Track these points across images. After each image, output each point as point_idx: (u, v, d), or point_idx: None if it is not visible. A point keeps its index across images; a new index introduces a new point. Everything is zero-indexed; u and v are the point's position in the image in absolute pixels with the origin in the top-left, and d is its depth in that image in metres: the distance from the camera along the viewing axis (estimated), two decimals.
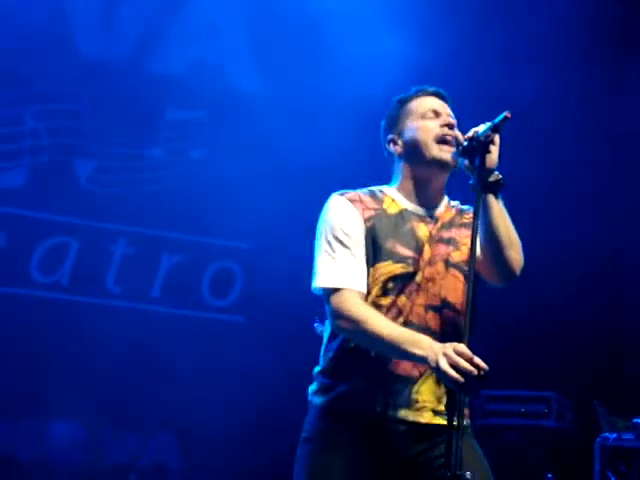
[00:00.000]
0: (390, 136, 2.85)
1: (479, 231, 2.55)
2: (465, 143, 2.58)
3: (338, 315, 2.63)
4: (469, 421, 2.74)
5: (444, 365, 2.39)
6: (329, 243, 2.70)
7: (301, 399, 2.86)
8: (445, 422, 2.55)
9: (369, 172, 3.08)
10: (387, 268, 2.69)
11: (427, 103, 2.82)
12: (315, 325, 3.18)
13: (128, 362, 5.48)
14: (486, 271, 2.66)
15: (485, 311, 2.83)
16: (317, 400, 2.75)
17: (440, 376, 2.44)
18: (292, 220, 5.55)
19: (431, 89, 2.87)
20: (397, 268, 2.69)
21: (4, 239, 5.57)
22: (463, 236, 2.76)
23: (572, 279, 5.87)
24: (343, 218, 2.72)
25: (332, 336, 2.76)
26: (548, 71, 5.97)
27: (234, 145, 5.90)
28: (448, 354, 2.40)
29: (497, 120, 2.51)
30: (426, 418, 2.68)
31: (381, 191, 2.82)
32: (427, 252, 2.72)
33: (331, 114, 5.74)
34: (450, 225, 2.79)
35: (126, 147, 5.86)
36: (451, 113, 2.82)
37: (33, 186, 5.66)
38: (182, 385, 5.56)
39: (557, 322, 5.76)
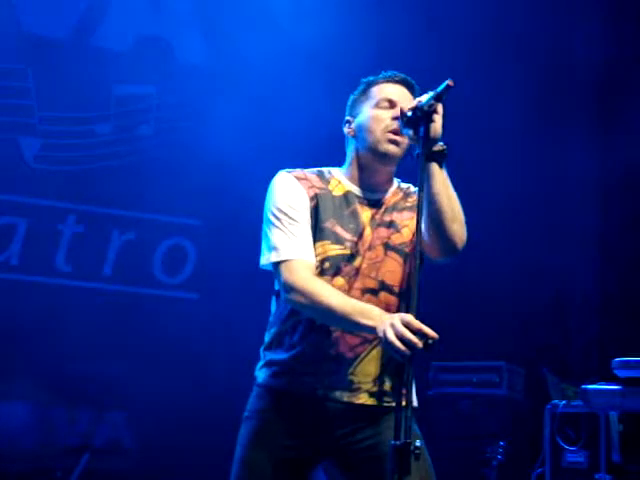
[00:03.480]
0: (347, 117, 2.88)
1: (424, 203, 2.54)
2: (409, 113, 2.58)
3: (289, 288, 2.65)
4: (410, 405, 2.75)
5: (390, 336, 2.40)
6: (277, 218, 2.72)
7: (251, 376, 2.88)
8: (383, 404, 2.69)
9: (317, 148, 3.06)
10: (324, 247, 2.72)
11: (386, 91, 2.82)
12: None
13: (79, 341, 5.43)
14: (428, 246, 2.67)
15: (435, 283, 2.84)
16: (259, 377, 2.80)
17: (386, 347, 2.45)
18: (244, 195, 5.53)
19: (400, 76, 2.86)
20: (334, 249, 2.72)
21: None
22: (404, 219, 2.80)
23: (518, 245, 5.91)
24: (290, 194, 2.75)
25: (275, 314, 2.80)
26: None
27: (183, 120, 5.85)
28: (395, 325, 2.41)
29: (440, 89, 2.52)
30: (361, 399, 2.72)
31: (329, 172, 2.85)
32: (367, 236, 2.75)
33: (279, 87, 5.72)
34: (393, 209, 2.81)
35: (74, 124, 5.78)
36: (409, 105, 2.78)
37: None
38: (135, 363, 5.53)
39: (507, 291, 5.81)
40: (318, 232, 2.72)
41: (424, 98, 2.57)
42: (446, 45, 5.84)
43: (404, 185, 2.90)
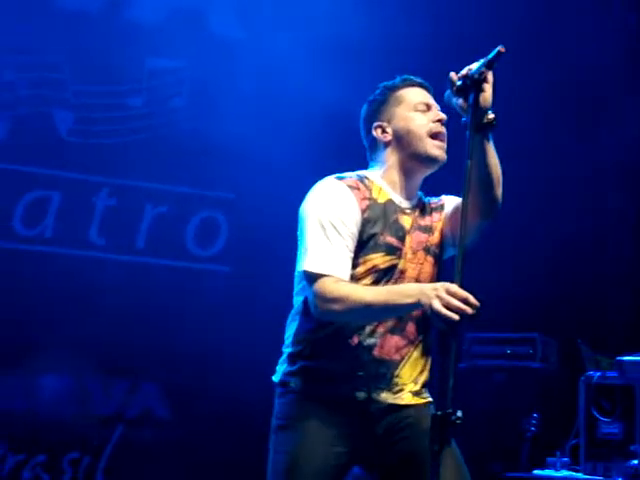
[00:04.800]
0: (377, 123, 2.83)
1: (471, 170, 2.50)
2: (459, 82, 2.55)
3: (322, 299, 2.61)
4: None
5: (437, 306, 2.40)
6: (324, 228, 2.67)
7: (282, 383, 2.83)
8: (422, 401, 2.75)
9: (350, 124, 3.04)
10: (381, 259, 2.71)
11: (418, 95, 2.83)
12: None
13: (113, 313, 5.47)
14: (471, 213, 2.63)
15: (469, 254, 2.84)
16: (294, 383, 2.74)
17: (433, 318, 2.44)
18: (277, 168, 5.54)
19: (417, 80, 2.87)
20: (390, 259, 2.72)
21: None
22: (435, 221, 2.84)
23: (555, 218, 5.89)
24: (342, 206, 2.70)
25: (310, 319, 2.73)
26: None
27: (216, 93, 5.84)
28: (440, 295, 2.41)
29: (490, 56, 2.48)
30: (405, 400, 2.74)
31: (367, 177, 2.81)
32: (410, 242, 2.76)
33: (314, 61, 5.69)
34: (424, 213, 2.83)
35: (106, 97, 5.79)
36: (439, 108, 2.83)
37: (13, 139, 5.60)
38: (168, 334, 5.57)
39: (541, 261, 5.78)
40: (373, 243, 2.70)
41: (474, 66, 2.53)
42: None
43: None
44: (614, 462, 4.38)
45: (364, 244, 2.70)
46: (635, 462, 4.26)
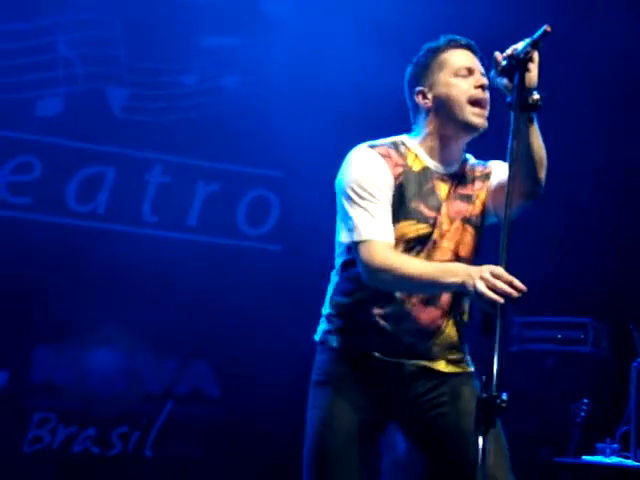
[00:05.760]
0: (419, 88, 2.80)
1: (514, 151, 2.47)
2: (504, 62, 2.51)
3: (371, 268, 2.63)
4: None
5: (482, 288, 2.38)
6: (359, 196, 2.67)
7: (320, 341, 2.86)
8: (459, 369, 2.76)
9: (403, 104, 3.01)
10: (412, 227, 2.70)
11: (461, 58, 2.77)
12: None
13: (165, 290, 5.53)
14: (514, 193, 2.61)
15: (521, 237, 2.81)
16: (333, 342, 2.77)
17: (478, 300, 2.42)
18: (327, 148, 5.51)
19: (464, 40, 2.81)
20: (421, 228, 2.71)
21: (40, 168, 5.59)
22: (476, 189, 2.80)
23: (608, 203, 5.80)
24: (374, 172, 2.69)
25: (347, 280, 2.77)
26: None
27: (268, 72, 5.83)
28: (485, 277, 2.39)
29: (536, 36, 2.44)
30: (440, 366, 2.76)
31: (403, 143, 2.79)
32: (446, 211, 2.73)
33: (364, 43, 5.65)
34: (465, 181, 2.79)
35: (159, 75, 5.82)
36: (483, 71, 2.77)
37: (68, 115, 5.65)
38: (219, 312, 5.60)
39: (594, 245, 5.71)
40: (404, 212, 2.69)
41: (520, 45, 2.48)
42: None
43: (468, 155, 2.87)
44: None
45: (396, 211, 2.69)
46: None
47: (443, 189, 2.75)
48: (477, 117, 2.72)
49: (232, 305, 5.65)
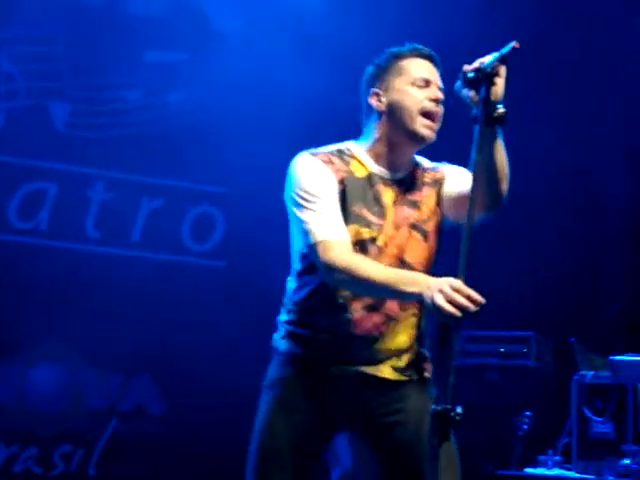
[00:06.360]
0: (374, 89, 2.81)
1: (477, 164, 2.48)
2: (470, 74, 2.51)
3: (330, 267, 2.63)
4: (429, 375, 2.84)
5: (440, 301, 2.38)
6: (306, 199, 2.69)
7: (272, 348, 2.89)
8: (404, 378, 2.75)
9: (352, 119, 3.03)
10: (354, 231, 2.70)
11: (421, 68, 2.78)
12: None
13: (108, 306, 5.48)
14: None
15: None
16: (281, 346, 2.80)
17: (436, 313, 2.42)
18: (274, 164, 5.52)
19: (426, 51, 2.82)
20: (364, 232, 2.71)
21: None
22: (424, 196, 2.80)
23: (551, 216, 5.90)
24: (318, 176, 2.71)
25: (298, 287, 2.79)
26: None
27: (213, 88, 5.82)
28: (444, 290, 2.39)
29: (505, 51, 2.44)
30: (385, 373, 2.75)
31: (348, 150, 2.80)
32: (392, 217, 2.74)
33: (315, 56, 5.69)
34: (413, 187, 2.80)
35: (103, 90, 5.78)
36: (440, 84, 2.80)
37: (10, 131, 5.58)
38: (163, 328, 5.57)
39: (538, 260, 5.80)
40: (347, 216, 2.70)
41: (487, 59, 2.49)
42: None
43: (419, 159, 2.88)
44: (606, 461, 4.41)
45: (342, 216, 2.70)
46: (626, 461, 4.28)
47: (389, 195, 2.77)
48: (426, 129, 2.74)
49: (176, 321, 5.62)
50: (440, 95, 2.77)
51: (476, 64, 2.52)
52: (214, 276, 5.92)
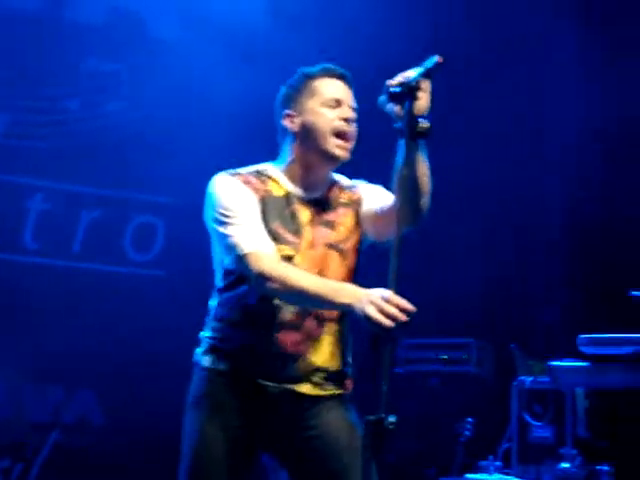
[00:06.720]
0: (287, 111, 2.83)
1: (400, 177, 2.53)
2: (395, 89, 2.52)
3: (260, 277, 2.64)
4: (348, 391, 2.87)
5: (371, 312, 2.41)
6: (229, 216, 2.71)
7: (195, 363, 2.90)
8: (324, 392, 2.78)
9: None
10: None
11: (332, 89, 2.80)
12: None
13: (48, 318, 5.41)
14: (392, 217, 2.63)
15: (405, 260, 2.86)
16: (204, 361, 2.80)
17: (367, 323, 2.44)
18: (214, 172, 5.51)
19: (338, 71, 2.84)
20: (282, 249, 2.72)
21: None
22: (340, 215, 2.82)
23: (489, 224, 5.97)
24: (238, 194, 2.74)
25: (220, 304, 2.81)
26: None
27: (154, 96, 5.79)
28: (375, 301, 2.41)
29: (429, 65, 2.46)
30: (304, 389, 2.77)
31: (266, 171, 2.82)
32: (308, 236, 2.76)
33: (255, 63, 5.68)
34: (329, 208, 2.82)
35: (42, 100, 5.72)
36: (353, 104, 2.81)
37: None
38: (104, 340, 5.52)
39: (476, 269, 5.86)
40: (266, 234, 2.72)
41: (411, 74, 2.51)
42: None
43: (337, 177, 2.90)
44: (545, 465, 4.46)
45: None
46: (565, 465, 4.34)
47: (305, 215, 2.79)
48: (339, 149, 2.76)
49: (118, 332, 5.58)
50: (352, 114, 2.79)
51: (400, 78, 2.53)
52: (155, 286, 5.89)
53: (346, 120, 2.77)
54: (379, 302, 2.41)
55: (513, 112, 6.04)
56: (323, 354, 2.78)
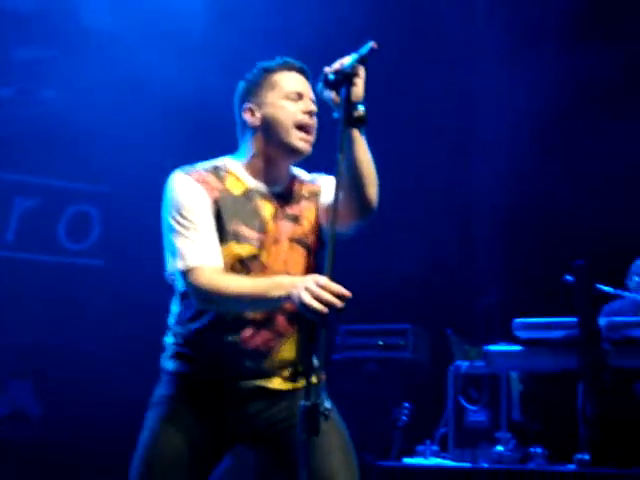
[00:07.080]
0: (248, 104, 2.78)
1: (343, 166, 2.50)
2: (331, 76, 2.52)
3: (200, 292, 2.62)
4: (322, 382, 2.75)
5: (306, 298, 2.40)
6: (179, 223, 2.66)
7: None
8: (294, 385, 2.73)
9: (226, 118, 3.02)
10: (232, 250, 2.68)
11: (292, 82, 2.77)
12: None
13: None
14: (344, 210, 2.63)
15: (342, 250, 2.87)
16: (169, 366, 2.77)
17: (303, 310, 2.43)
18: (151, 161, 5.49)
19: (298, 64, 2.81)
20: (243, 249, 2.69)
21: None
22: (303, 209, 2.79)
23: (427, 210, 6.03)
24: (191, 197, 2.68)
25: (184, 309, 2.75)
26: None
27: (89, 85, 5.74)
28: (309, 288, 2.41)
29: (363, 52, 2.46)
30: (275, 384, 2.75)
31: (225, 166, 2.77)
32: (272, 231, 2.73)
33: (188, 54, 5.66)
34: (292, 201, 2.79)
35: None
36: (313, 97, 2.78)
37: None
38: (40, 331, 5.47)
39: (412, 254, 5.91)
40: (224, 234, 2.68)
41: (347, 60, 2.50)
42: None
43: (297, 171, 2.88)
44: (480, 449, 4.51)
45: (219, 235, 2.68)
46: (500, 448, 4.40)
47: (268, 209, 2.75)
48: (302, 142, 2.74)
49: (54, 322, 5.54)
50: (313, 107, 2.77)
51: (336, 65, 2.53)
52: (92, 276, 5.84)
53: (308, 113, 2.75)
54: (314, 289, 2.40)
55: (446, 100, 6.11)
56: (293, 350, 2.76)
